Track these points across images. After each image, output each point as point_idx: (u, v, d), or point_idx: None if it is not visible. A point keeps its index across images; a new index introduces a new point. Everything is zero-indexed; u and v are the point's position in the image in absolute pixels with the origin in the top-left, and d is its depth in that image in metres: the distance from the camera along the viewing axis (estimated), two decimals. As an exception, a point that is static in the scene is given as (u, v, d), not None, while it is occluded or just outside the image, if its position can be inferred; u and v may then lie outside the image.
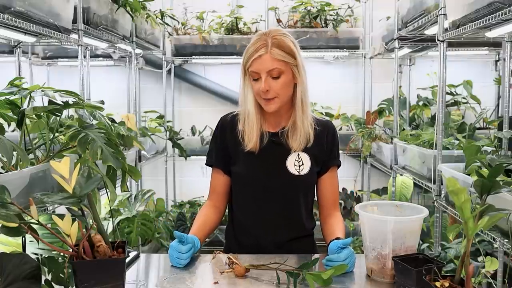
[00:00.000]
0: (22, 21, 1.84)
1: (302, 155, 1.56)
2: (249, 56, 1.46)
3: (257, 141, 1.53)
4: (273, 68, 1.45)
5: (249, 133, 1.54)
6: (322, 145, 1.59)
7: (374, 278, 1.29)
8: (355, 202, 4.12)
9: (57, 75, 4.34)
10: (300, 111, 1.53)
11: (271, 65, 1.44)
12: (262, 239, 1.56)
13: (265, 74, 1.45)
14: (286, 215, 1.56)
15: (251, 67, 1.46)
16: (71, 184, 1.07)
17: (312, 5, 3.94)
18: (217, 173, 1.63)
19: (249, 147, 1.53)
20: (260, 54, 1.44)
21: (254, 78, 1.48)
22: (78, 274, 1.06)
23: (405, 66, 4.24)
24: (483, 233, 1.73)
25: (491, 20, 1.79)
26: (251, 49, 1.46)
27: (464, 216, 0.99)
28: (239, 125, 1.57)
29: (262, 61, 1.44)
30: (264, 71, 1.44)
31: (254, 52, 1.45)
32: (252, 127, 1.53)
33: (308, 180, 1.58)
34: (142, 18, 3.34)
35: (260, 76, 1.46)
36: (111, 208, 2.08)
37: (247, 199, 1.58)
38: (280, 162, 1.55)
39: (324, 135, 1.60)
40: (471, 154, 1.87)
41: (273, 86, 1.46)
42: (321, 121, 1.62)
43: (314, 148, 1.57)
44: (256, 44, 1.46)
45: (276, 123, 1.59)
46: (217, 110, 4.09)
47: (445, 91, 2.38)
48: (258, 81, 1.47)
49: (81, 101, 1.44)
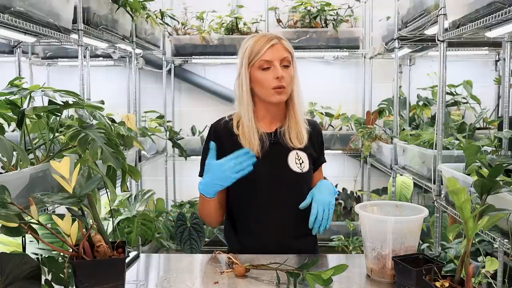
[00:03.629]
0: (22, 21, 1.84)
1: (300, 153, 1.59)
2: (260, 47, 1.50)
3: (258, 144, 1.54)
4: (285, 56, 1.51)
5: (249, 138, 1.54)
6: (314, 144, 1.65)
7: (374, 278, 1.29)
8: (355, 202, 4.12)
9: (57, 75, 4.34)
10: (297, 107, 1.58)
11: (284, 53, 1.52)
12: (268, 240, 1.56)
13: (278, 62, 1.50)
14: (293, 214, 1.56)
15: (265, 55, 1.49)
16: (71, 184, 1.07)
17: (312, 5, 3.94)
18: None
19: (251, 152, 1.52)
20: (273, 43, 1.51)
21: (265, 68, 1.51)
22: (78, 274, 1.06)
23: (405, 66, 4.25)
24: (483, 233, 1.73)
25: (491, 20, 1.79)
26: (260, 42, 1.51)
27: (464, 216, 0.99)
28: (235, 130, 1.57)
29: (276, 49, 1.50)
30: (278, 59, 1.50)
31: (266, 43, 1.50)
32: (252, 131, 1.54)
33: (309, 177, 1.61)
34: (142, 18, 3.34)
35: (272, 65, 1.50)
36: (111, 208, 2.08)
37: (251, 201, 1.57)
38: (282, 162, 1.57)
39: (315, 134, 1.66)
40: (471, 154, 1.87)
41: (285, 75, 1.51)
42: (310, 121, 1.68)
43: (309, 146, 1.62)
44: (264, 39, 1.51)
45: (271, 123, 1.61)
46: (217, 110, 4.11)
47: (445, 91, 2.38)
48: (270, 71, 1.50)
49: (81, 101, 1.44)
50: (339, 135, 4.13)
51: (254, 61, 1.51)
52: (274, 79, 1.49)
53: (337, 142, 4.12)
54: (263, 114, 1.59)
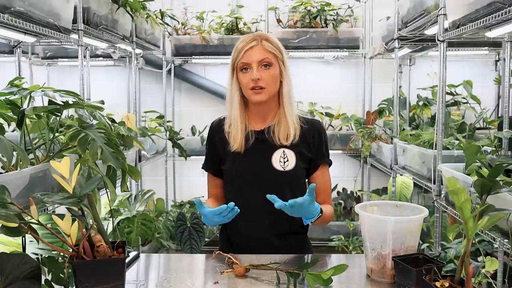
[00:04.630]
0: (22, 21, 1.84)
1: (287, 151, 1.60)
2: (240, 49, 1.56)
3: (242, 141, 1.59)
4: (263, 58, 1.54)
5: (234, 134, 1.60)
6: (309, 143, 1.63)
7: (374, 278, 1.29)
8: (355, 202, 4.12)
9: (57, 75, 4.34)
10: (287, 106, 1.59)
11: (262, 55, 1.54)
12: (251, 235, 1.60)
13: (256, 64, 1.54)
14: (273, 212, 1.55)
15: (243, 58, 1.55)
16: (71, 184, 1.07)
17: (312, 5, 3.94)
18: (210, 177, 1.73)
19: (234, 148, 1.59)
20: (252, 45, 1.55)
21: (244, 68, 1.56)
22: (78, 274, 1.06)
23: (405, 66, 4.24)
24: (483, 233, 1.73)
25: (491, 20, 1.79)
26: (241, 44, 1.57)
27: (464, 216, 0.99)
28: (225, 127, 1.63)
29: (254, 52, 1.54)
30: (255, 61, 1.54)
31: (245, 45, 1.55)
32: (237, 128, 1.59)
33: (293, 176, 1.60)
34: (142, 18, 3.34)
35: (250, 67, 1.54)
36: (111, 208, 2.08)
37: (236, 197, 1.59)
38: (266, 159, 1.59)
39: (311, 133, 1.64)
40: (471, 154, 1.87)
41: (263, 76, 1.54)
42: (309, 120, 1.68)
43: (300, 145, 1.61)
44: (246, 39, 1.57)
45: (262, 121, 1.64)
46: (217, 110, 4.10)
47: (445, 91, 2.38)
48: (248, 72, 1.55)
49: (81, 101, 1.44)
50: (339, 135, 4.13)
51: (236, 63, 1.57)
52: (250, 80, 1.54)
53: (337, 142, 4.12)
54: (254, 112, 1.64)
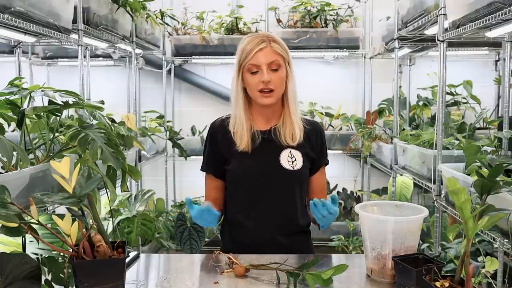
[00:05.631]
0: (22, 21, 1.84)
1: (294, 151, 1.60)
2: (249, 51, 1.53)
3: (249, 141, 1.58)
4: (273, 60, 1.52)
5: (240, 134, 1.58)
6: (312, 144, 1.65)
7: (374, 278, 1.29)
8: (355, 202, 4.12)
9: (57, 75, 4.33)
10: (292, 107, 1.59)
11: (272, 57, 1.52)
12: (255, 234, 1.59)
13: (266, 66, 1.52)
14: (281, 211, 1.59)
15: (252, 60, 1.52)
16: (71, 184, 1.07)
17: (312, 5, 3.94)
18: (210, 178, 1.69)
19: (241, 148, 1.58)
20: (262, 47, 1.52)
21: (253, 72, 1.53)
22: (78, 274, 1.06)
23: (405, 66, 4.24)
24: (483, 233, 1.73)
25: (491, 20, 1.79)
26: (250, 45, 1.53)
27: (464, 216, 0.99)
28: (230, 128, 1.62)
29: (264, 54, 1.52)
30: (265, 63, 1.52)
31: (255, 46, 1.52)
32: (243, 128, 1.58)
33: (302, 175, 1.61)
34: (142, 18, 3.34)
35: (260, 69, 1.52)
36: (111, 208, 2.08)
37: (242, 197, 1.61)
38: (274, 159, 1.59)
39: (314, 134, 1.66)
40: (471, 154, 1.87)
41: (273, 78, 1.53)
42: (310, 121, 1.69)
43: (305, 145, 1.62)
44: (255, 41, 1.53)
45: (266, 122, 1.64)
46: (217, 110, 4.08)
47: (445, 91, 2.38)
48: (258, 74, 1.53)
49: (81, 101, 1.44)
50: (339, 135, 4.13)
51: (244, 64, 1.55)
52: (260, 83, 1.52)
53: (337, 142, 4.11)
54: (258, 113, 1.63)
